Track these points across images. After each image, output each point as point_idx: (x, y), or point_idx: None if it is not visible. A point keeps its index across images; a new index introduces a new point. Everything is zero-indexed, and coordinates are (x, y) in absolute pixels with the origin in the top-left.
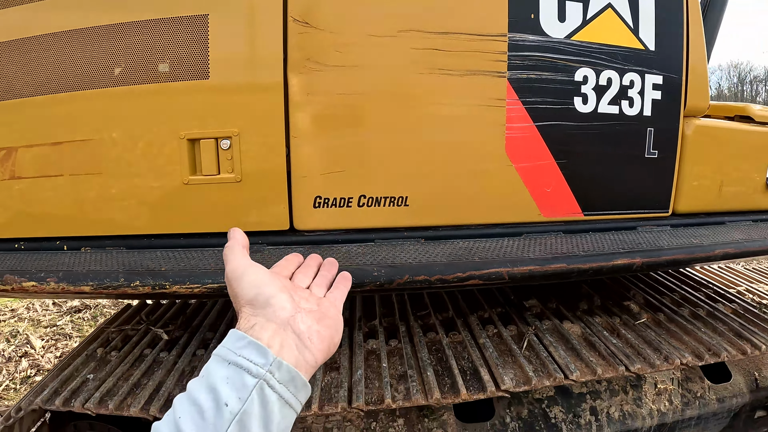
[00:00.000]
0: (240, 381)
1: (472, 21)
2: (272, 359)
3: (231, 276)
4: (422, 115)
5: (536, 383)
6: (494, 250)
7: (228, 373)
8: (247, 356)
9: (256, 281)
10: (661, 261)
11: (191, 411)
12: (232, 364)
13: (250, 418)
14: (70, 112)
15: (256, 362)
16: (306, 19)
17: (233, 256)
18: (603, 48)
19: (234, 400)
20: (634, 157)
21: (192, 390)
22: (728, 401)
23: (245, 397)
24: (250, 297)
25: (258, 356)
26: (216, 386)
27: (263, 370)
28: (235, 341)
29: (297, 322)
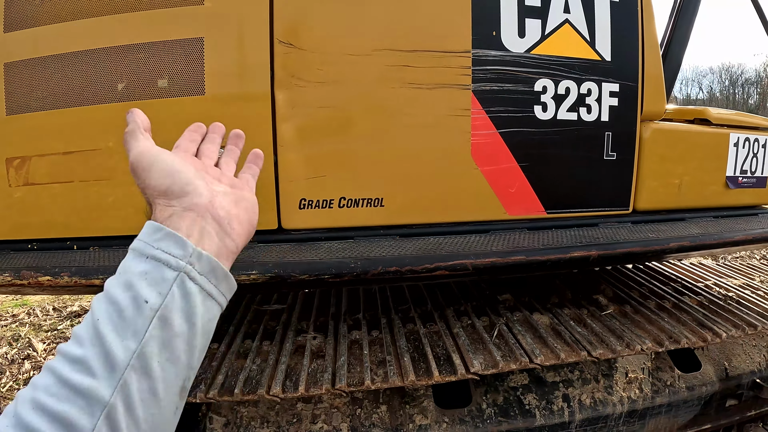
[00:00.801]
0: (159, 275)
1: (439, 39)
2: (191, 250)
3: (137, 165)
4: (395, 125)
5: (503, 366)
6: (461, 245)
7: (146, 267)
8: (164, 249)
9: (167, 169)
10: (617, 254)
11: (109, 311)
12: (150, 258)
13: (171, 313)
14: (80, 124)
15: (175, 254)
16: (290, 40)
17: (136, 142)
18: (561, 60)
19: (154, 296)
20: (593, 159)
21: (109, 289)
22: (698, 390)
23: (165, 291)
24: (164, 187)
25: (176, 248)
26: (133, 283)
27: (182, 262)
28: (152, 233)
29: (216, 207)
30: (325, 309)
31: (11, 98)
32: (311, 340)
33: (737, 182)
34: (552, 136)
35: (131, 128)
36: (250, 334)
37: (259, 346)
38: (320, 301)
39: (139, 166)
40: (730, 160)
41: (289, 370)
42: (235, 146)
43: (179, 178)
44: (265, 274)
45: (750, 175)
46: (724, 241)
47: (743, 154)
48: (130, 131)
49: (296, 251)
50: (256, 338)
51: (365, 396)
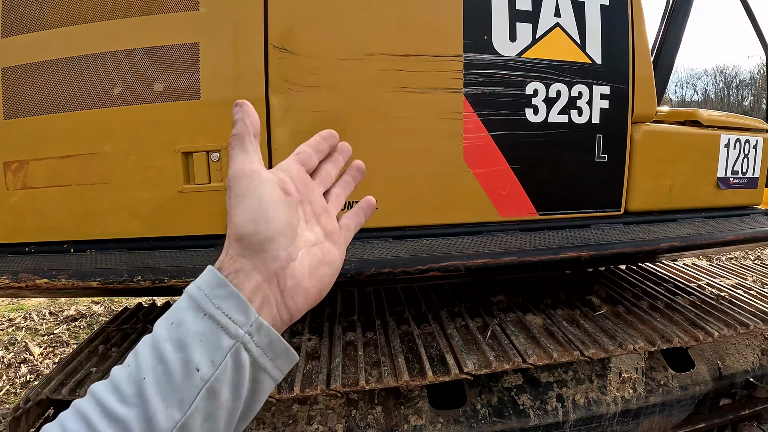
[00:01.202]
0: (215, 341)
1: (431, 44)
2: (253, 319)
3: (232, 185)
4: (388, 129)
5: (496, 366)
6: (454, 246)
7: (203, 328)
8: (226, 311)
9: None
10: (608, 255)
11: (157, 371)
12: (208, 317)
13: (221, 385)
14: (78, 128)
15: (236, 320)
16: (284, 45)
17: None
18: (552, 63)
19: (206, 365)
20: (584, 161)
21: (159, 342)
22: (692, 389)
23: (219, 361)
24: (244, 232)
25: (239, 313)
26: (188, 344)
27: (242, 330)
28: (215, 287)
29: (286, 276)
30: (319, 311)
31: (9, 102)
32: (306, 342)
33: (728, 183)
34: (543, 138)
35: (240, 132)
36: None
37: None
38: None
39: (234, 189)
40: (721, 161)
41: None
42: (352, 180)
43: (264, 229)
44: None
45: (741, 176)
46: (716, 241)
47: (734, 155)
48: (239, 137)
49: None
50: None
51: (360, 397)
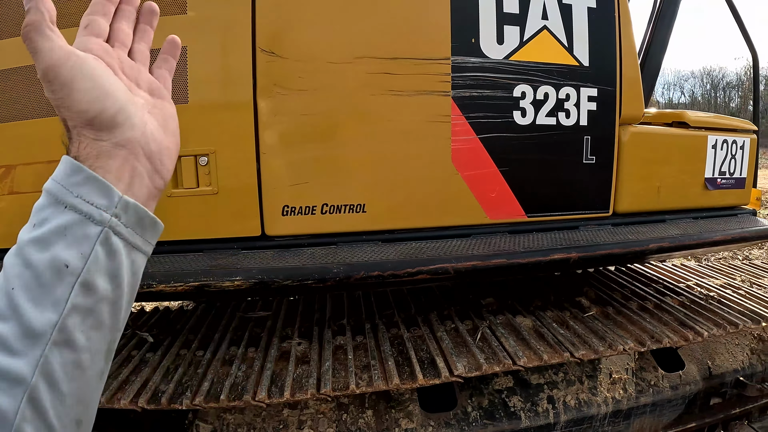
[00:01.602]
0: (80, 232)
1: (419, 47)
2: (117, 199)
3: (53, 76)
4: (376, 132)
5: (486, 369)
6: (443, 249)
7: (64, 221)
8: (86, 197)
9: (97, 88)
10: (597, 256)
11: (24, 276)
12: (69, 209)
13: (95, 276)
14: (61, 134)
15: (99, 204)
16: (272, 49)
17: (46, 42)
18: (540, 66)
19: (75, 258)
20: (572, 163)
21: (23, 246)
22: (682, 389)
23: (87, 252)
24: (92, 114)
25: (100, 197)
26: (51, 241)
27: (107, 214)
28: (70, 174)
29: (149, 141)
30: (309, 315)
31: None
32: (296, 346)
33: (716, 183)
34: (531, 141)
35: (35, 20)
36: (235, 341)
37: (245, 353)
38: (305, 308)
39: (57, 79)
40: (708, 161)
41: (275, 376)
42: (149, 26)
43: (112, 103)
44: (249, 281)
45: (728, 177)
46: (704, 241)
47: (721, 156)
48: (34, 24)
49: (279, 257)
50: (241, 345)
51: (351, 401)
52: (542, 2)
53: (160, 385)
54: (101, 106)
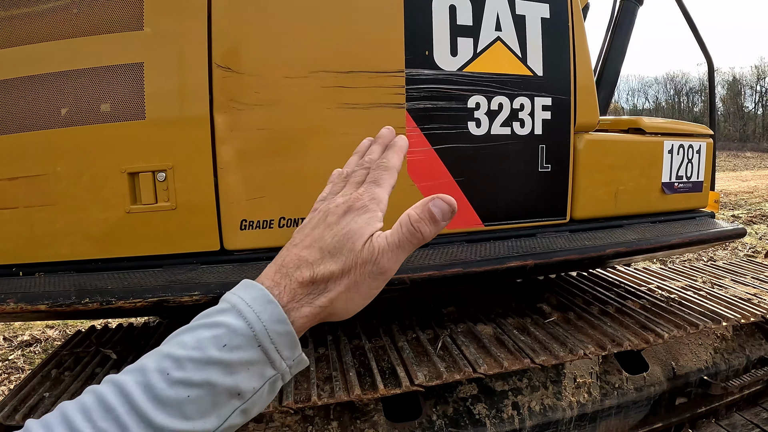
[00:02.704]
0: (261, 371)
1: (373, 59)
2: (297, 354)
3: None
4: (332, 145)
5: (447, 377)
6: None
7: (253, 357)
8: (279, 348)
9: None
10: (554, 262)
11: (201, 392)
12: (260, 349)
13: (254, 406)
14: (24, 150)
15: (284, 356)
16: (228, 64)
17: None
18: (493, 77)
19: (248, 390)
20: (528, 171)
21: (209, 362)
22: (646, 390)
23: (258, 387)
24: (347, 316)
25: (288, 351)
26: (236, 371)
27: (286, 364)
28: (276, 321)
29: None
30: None
31: None
32: None
33: (673, 188)
34: (486, 151)
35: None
36: None
37: None
38: None
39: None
40: (665, 166)
41: None
42: None
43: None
44: (208, 295)
45: (686, 181)
46: (661, 245)
47: (678, 161)
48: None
49: (238, 271)
50: None
51: (316, 413)
52: (496, 13)
53: None
54: (346, 317)
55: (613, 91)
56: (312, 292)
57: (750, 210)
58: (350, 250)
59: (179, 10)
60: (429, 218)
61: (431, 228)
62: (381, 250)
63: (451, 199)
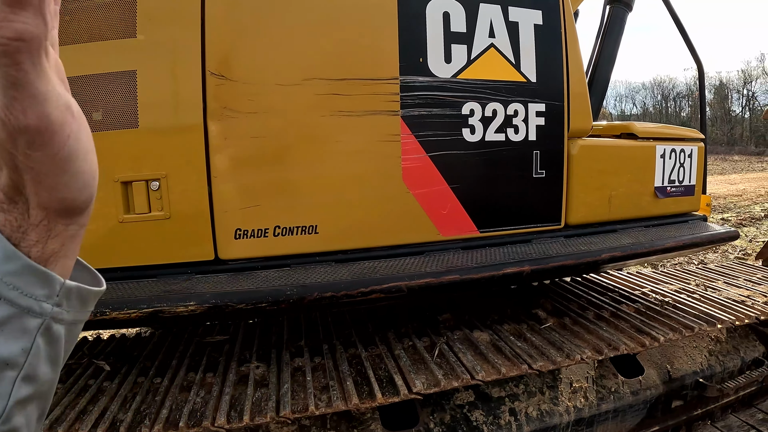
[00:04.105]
0: (19, 326)
1: (367, 67)
2: (59, 287)
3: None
4: (327, 152)
5: (445, 385)
6: (396, 268)
7: (1, 315)
8: (24, 290)
9: (89, 172)
10: (550, 268)
11: None
12: (4, 301)
13: (36, 368)
14: None
15: (38, 296)
16: (222, 72)
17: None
18: (487, 83)
19: (15, 353)
20: (522, 177)
21: None
22: (643, 393)
23: (28, 346)
24: (76, 204)
25: (40, 287)
26: None
27: (48, 305)
28: (4, 262)
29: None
30: (267, 338)
31: None
32: (254, 370)
33: (666, 192)
34: (481, 157)
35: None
36: (193, 367)
37: (203, 378)
38: (262, 331)
39: (46, 149)
40: (657, 171)
41: (234, 401)
42: None
43: (93, 190)
44: (203, 305)
45: (678, 185)
46: (655, 249)
47: (670, 165)
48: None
49: (233, 281)
50: (199, 370)
51: (313, 423)
52: (489, 20)
53: (118, 414)
54: (91, 191)
55: (603, 97)
56: (19, 210)
57: (739, 213)
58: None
59: (173, 18)
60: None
61: (22, 18)
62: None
63: None
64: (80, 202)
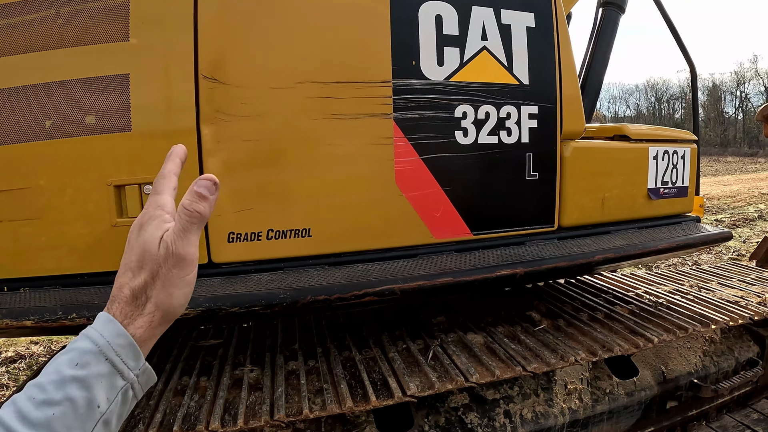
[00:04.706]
0: (112, 383)
1: (360, 70)
2: (142, 364)
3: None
4: (319, 156)
5: (439, 387)
6: (389, 270)
7: (103, 370)
8: (124, 358)
9: (190, 296)
10: (543, 270)
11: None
12: (108, 361)
13: (112, 416)
14: (8, 163)
15: (130, 366)
16: (214, 75)
17: (195, 237)
18: (480, 86)
19: (104, 402)
20: (515, 180)
21: (66, 380)
22: (637, 395)
23: (113, 398)
24: (176, 312)
25: (133, 360)
26: (92, 385)
27: (133, 374)
28: (115, 335)
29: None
30: (261, 341)
31: None
32: (248, 373)
33: (659, 193)
34: (474, 159)
35: (204, 212)
36: (187, 371)
37: (197, 382)
38: (256, 334)
39: (183, 271)
40: (650, 172)
41: (228, 404)
42: None
43: (184, 309)
44: (197, 308)
45: (671, 186)
46: (649, 250)
47: (663, 166)
48: (205, 215)
49: (227, 284)
50: (193, 374)
51: (307, 426)
52: (482, 23)
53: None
54: (182, 311)
55: (596, 99)
56: (138, 304)
57: (733, 214)
58: (150, 256)
59: (165, 21)
60: (198, 197)
61: (204, 205)
62: (172, 242)
63: (211, 176)
64: (178, 310)
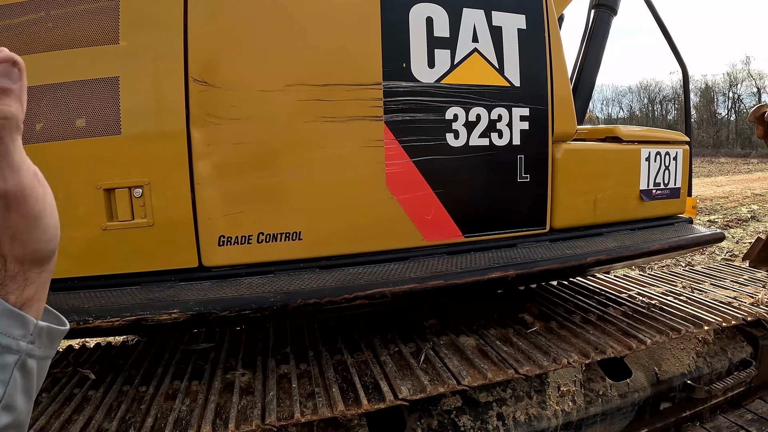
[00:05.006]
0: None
1: (350, 72)
2: (33, 327)
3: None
4: (310, 159)
5: (431, 390)
6: (380, 273)
7: None
8: (4, 330)
9: (55, 227)
10: (535, 272)
11: None
12: None
13: (14, 399)
14: None
15: (15, 335)
16: (204, 78)
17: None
18: (471, 88)
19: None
20: (507, 182)
21: None
22: (630, 396)
23: (6, 379)
24: (44, 254)
25: (17, 327)
26: None
27: (23, 342)
28: None
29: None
30: (253, 345)
31: None
32: (240, 377)
33: (651, 195)
34: (465, 162)
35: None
36: (178, 375)
37: (188, 387)
38: (248, 338)
39: (21, 208)
40: (642, 174)
41: (219, 409)
42: None
43: (57, 242)
44: (187, 312)
45: (663, 187)
46: (641, 252)
47: (655, 168)
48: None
49: (217, 288)
50: (184, 378)
51: (299, 430)
52: (472, 25)
53: (104, 423)
54: (56, 242)
55: (588, 101)
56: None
57: (726, 214)
58: None
59: (155, 24)
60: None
61: (8, 102)
62: None
63: (5, 52)
64: (48, 251)
